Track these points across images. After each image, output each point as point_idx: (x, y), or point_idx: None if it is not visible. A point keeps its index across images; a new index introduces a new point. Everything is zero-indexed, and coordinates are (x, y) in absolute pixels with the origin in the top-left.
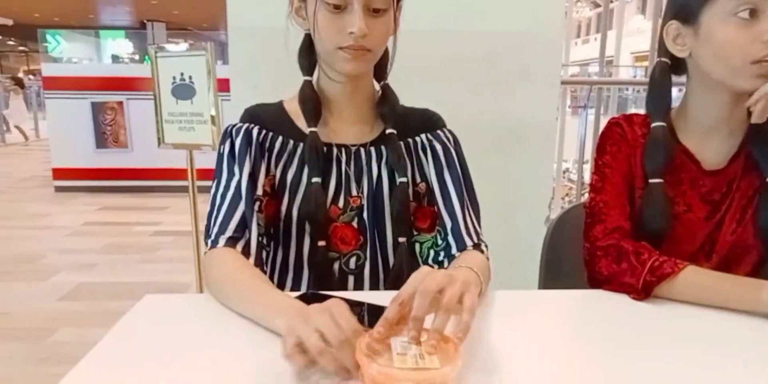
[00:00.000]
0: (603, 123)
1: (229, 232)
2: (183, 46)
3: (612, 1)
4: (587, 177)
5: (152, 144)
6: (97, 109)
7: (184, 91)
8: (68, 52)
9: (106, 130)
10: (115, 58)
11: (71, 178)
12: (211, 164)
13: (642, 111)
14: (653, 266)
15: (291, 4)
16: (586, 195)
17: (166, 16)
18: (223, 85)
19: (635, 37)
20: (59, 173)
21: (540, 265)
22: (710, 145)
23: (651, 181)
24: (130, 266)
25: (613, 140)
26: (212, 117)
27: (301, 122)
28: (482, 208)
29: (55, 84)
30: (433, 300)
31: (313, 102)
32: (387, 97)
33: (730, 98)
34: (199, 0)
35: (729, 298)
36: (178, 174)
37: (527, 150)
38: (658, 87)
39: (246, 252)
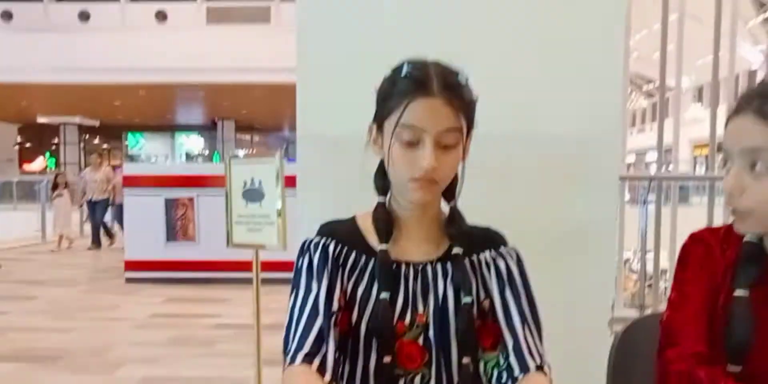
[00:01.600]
0: (664, 214)
1: (306, 349)
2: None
3: (667, 91)
4: (650, 267)
5: (218, 237)
6: (170, 204)
7: (253, 194)
8: (146, 149)
9: (177, 224)
10: (188, 156)
11: (141, 270)
12: (274, 257)
13: (704, 199)
14: None
15: (369, 134)
16: (649, 288)
17: (236, 114)
18: (289, 181)
19: (694, 125)
20: (131, 265)
21: (607, 380)
22: None
23: (737, 293)
24: (192, 360)
25: (696, 257)
26: (278, 219)
27: (372, 239)
28: (543, 315)
29: (134, 182)
30: None
31: (385, 222)
32: (455, 218)
33: None
34: (266, 102)
35: None
36: (241, 266)
37: (587, 251)
38: None
39: (322, 368)
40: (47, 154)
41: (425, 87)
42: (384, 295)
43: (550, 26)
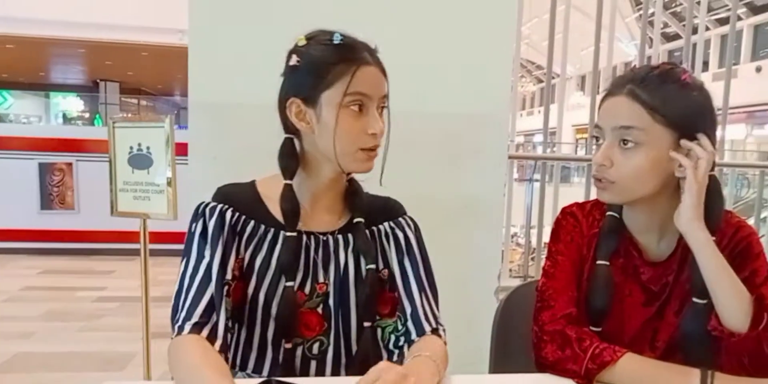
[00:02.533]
0: (547, 192)
1: (195, 318)
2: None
3: (553, 78)
4: (534, 241)
5: (100, 206)
6: (45, 169)
7: (141, 161)
8: (15, 109)
9: (53, 192)
10: (65, 118)
11: (11, 240)
12: (162, 227)
13: (583, 179)
14: (594, 354)
15: (288, 108)
16: (532, 261)
17: (120, 76)
18: (180, 149)
19: (576, 111)
20: None
21: (491, 342)
22: (650, 239)
23: (599, 262)
24: (73, 334)
25: (567, 230)
26: (168, 188)
27: (273, 207)
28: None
29: (2, 144)
30: None
31: (294, 206)
32: (355, 188)
33: (645, 209)
34: (155, 63)
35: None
36: (126, 236)
37: (477, 224)
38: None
39: (212, 337)
40: None
41: (363, 55)
42: (289, 283)
43: (446, 10)
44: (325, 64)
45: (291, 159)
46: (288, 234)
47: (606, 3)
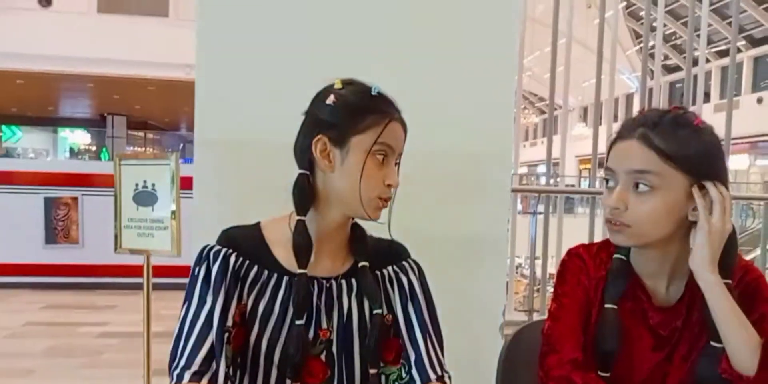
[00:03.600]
0: (551, 224)
1: (195, 367)
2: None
3: (556, 109)
4: (539, 272)
5: (104, 240)
6: (50, 204)
7: (146, 198)
8: (24, 143)
9: (57, 226)
10: (72, 152)
11: (14, 274)
12: (165, 261)
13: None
14: None
15: (314, 144)
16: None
17: (128, 110)
18: (185, 183)
19: (579, 141)
20: (1, 269)
21: (496, 383)
22: (658, 284)
23: (607, 306)
24: (74, 371)
25: (573, 271)
26: (173, 226)
27: (278, 251)
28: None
29: (8, 178)
30: None
31: (307, 245)
32: (359, 233)
33: (656, 253)
34: (161, 97)
35: None
36: (128, 270)
37: (481, 260)
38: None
39: None
40: None
41: (394, 111)
42: (299, 322)
43: (447, 43)
44: (362, 110)
45: (307, 194)
46: (300, 271)
47: (606, 36)
